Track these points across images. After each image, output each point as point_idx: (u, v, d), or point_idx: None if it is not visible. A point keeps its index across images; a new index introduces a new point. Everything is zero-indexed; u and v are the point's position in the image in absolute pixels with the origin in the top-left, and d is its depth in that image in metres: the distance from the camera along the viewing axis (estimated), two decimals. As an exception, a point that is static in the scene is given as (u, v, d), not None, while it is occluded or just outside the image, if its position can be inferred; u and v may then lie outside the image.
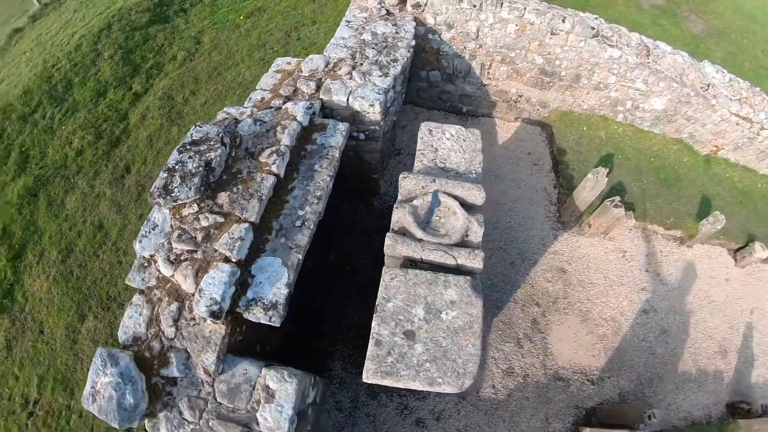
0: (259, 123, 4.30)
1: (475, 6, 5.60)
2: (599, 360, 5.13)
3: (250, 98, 4.96)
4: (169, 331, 3.34)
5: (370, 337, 2.85)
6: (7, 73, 6.15)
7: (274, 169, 3.92)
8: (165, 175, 3.68)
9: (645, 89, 5.75)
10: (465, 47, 6.23)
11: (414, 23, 5.79)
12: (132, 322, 3.45)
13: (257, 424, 3.08)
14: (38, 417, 3.93)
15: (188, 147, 3.84)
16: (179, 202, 3.60)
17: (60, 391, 4.20)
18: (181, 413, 3.13)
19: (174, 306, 3.42)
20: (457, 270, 3.29)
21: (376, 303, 2.99)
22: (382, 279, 3.11)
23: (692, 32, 7.86)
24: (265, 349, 4.48)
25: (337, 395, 4.69)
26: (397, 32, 5.56)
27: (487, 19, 5.72)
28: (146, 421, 3.10)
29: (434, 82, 6.98)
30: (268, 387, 3.18)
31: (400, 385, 2.66)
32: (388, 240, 3.33)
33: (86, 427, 4.02)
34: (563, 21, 5.40)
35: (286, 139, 4.12)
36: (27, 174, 5.11)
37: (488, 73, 6.55)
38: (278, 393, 3.14)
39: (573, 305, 5.46)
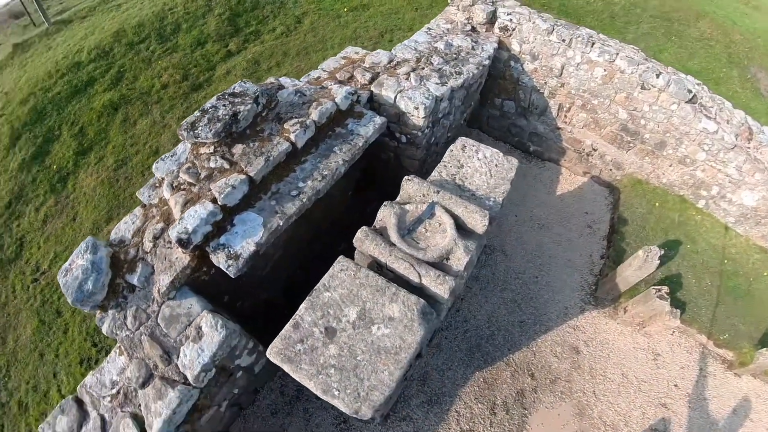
0: (299, 94, 4.61)
1: (564, 41, 5.37)
2: (581, 467, 4.42)
3: (309, 75, 5.33)
4: (148, 245, 3.71)
5: (292, 317, 2.84)
6: (131, 5, 7.48)
7: (292, 137, 4.15)
8: (198, 114, 4.12)
9: (737, 178, 4.94)
10: (546, 83, 5.98)
11: (496, 45, 5.73)
12: (125, 227, 3.91)
13: (177, 356, 3.25)
14: (39, 284, 4.64)
15: (226, 96, 4.26)
16: (199, 139, 4.00)
17: (65, 273, 4.82)
18: (125, 318, 3.44)
19: (160, 226, 3.80)
20: (420, 290, 3.11)
21: (315, 287, 2.98)
22: (332, 267, 3.09)
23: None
24: (236, 305, 4.68)
25: (285, 378, 4.70)
26: (473, 48, 5.56)
27: (574, 58, 5.44)
28: (97, 311, 3.44)
29: (507, 113, 6.79)
30: (200, 327, 3.34)
31: (295, 377, 2.59)
32: (359, 233, 3.31)
33: (70, 307, 4.60)
34: (657, 76, 4.91)
35: (315, 115, 4.35)
36: (116, 90, 6.14)
37: (565, 116, 6.19)
38: (206, 337, 3.29)
39: (573, 393, 4.81)
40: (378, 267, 3.34)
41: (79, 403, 3.33)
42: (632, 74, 5.10)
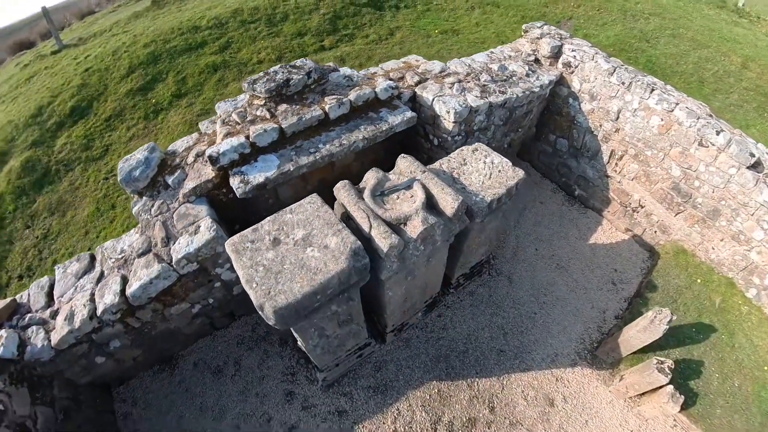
0: (347, 79, 5.56)
1: (623, 83, 5.58)
2: None
3: (367, 69, 6.30)
4: (190, 159, 4.84)
5: (257, 223, 3.57)
6: (253, -8, 9.45)
7: (327, 108, 5.06)
8: (261, 74, 5.28)
9: (791, 265, 4.52)
10: (601, 125, 6.14)
11: (553, 77, 6.12)
12: (180, 143, 5.12)
13: (174, 242, 4.19)
14: (108, 182, 6.14)
15: (287, 66, 5.39)
16: (255, 93, 5.12)
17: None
18: (152, 206, 4.53)
19: (204, 148, 4.92)
20: (368, 242, 3.62)
21: (284, 209, 3.69)
22: (304, 198, 3.79)
23: None
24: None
25: (261, 318, 5.39)
26: (527, 75, 6.03)
27: (632, 103, 5.59)
28: (135, 196, 4.58)
29: (559, 151, 7.00)
30: (199, 227, 4.27)
31: (235, 265, 3.25)
32: (339, 184, 3.98)
33: (123, 205, 5.95)
34: (717, 133, 4.85)
35: (352, 96, 5.23)
36: (220, 56, 7.84)
37: (616, 164, 6.21)
38: (199, 234, 4.20)
39: (531, 442, 4.69)
40: (347, 219, 3.95)
41: (92, 258, 4.44)
42: (690, 128, 5.08)
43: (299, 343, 4.10)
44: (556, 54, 6.26)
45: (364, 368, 5.07)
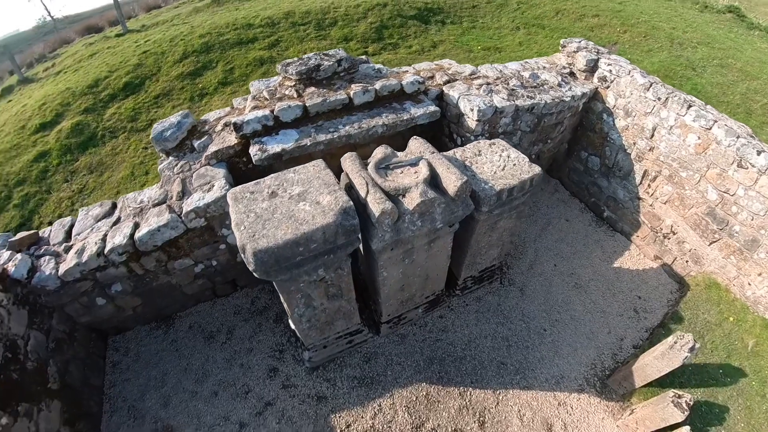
0: (375, 71, 5.79)
1: (659, 99, 5.41)
2: None
3: (400, 68, 6.50)
4: (219, 128, 5.17)
5: (262, 180, 3.72)
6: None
7: (351, 94, 5.28)
8: (296, 59, 5.62)
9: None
10: (635, 143, 5.94)
11: (587, 90, 6.06)
12: (213, 114, 5.51)
13: (188, 197, 4.44)
14: (147, 151, 6.62)
15: (321, 54, 5.71)
16: (287, 75, 5.44)
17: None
18: (176, 165, 4.84)
19: (233, 119, 5.21)
20: (363, 207, 3.67)
21: (289, 169, 3.84)
22: (310, 162, 3.92)
23: None
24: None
25: (261, 293, 5.53)
26: (559, 85, 6.00)
27: (668, 119, 5.39)
28: (163, 154, 4.92)
29: (590, 169, 6.80)
30: (212, 186, 4.50)
31: (230, 209, 3.39)
32: (347, 154, 4.10)
33: (155, 172, 6.36)
34: (758, 153, 4.55)
35: (378, 85, 5.43)
36: (267, 51, 8.42)
37: (649, 185, 5.94)
38: (211, 192, 4.44)
39: (519, 466, 4.36)
40: (349, 189, 4.03)
41: (114, 205, 4.76)
42: (729, 147, 4.80)
43: (286, 311, 4.12)
44: (592, 68, 6.20)
45: (353, 357, 4.97)
